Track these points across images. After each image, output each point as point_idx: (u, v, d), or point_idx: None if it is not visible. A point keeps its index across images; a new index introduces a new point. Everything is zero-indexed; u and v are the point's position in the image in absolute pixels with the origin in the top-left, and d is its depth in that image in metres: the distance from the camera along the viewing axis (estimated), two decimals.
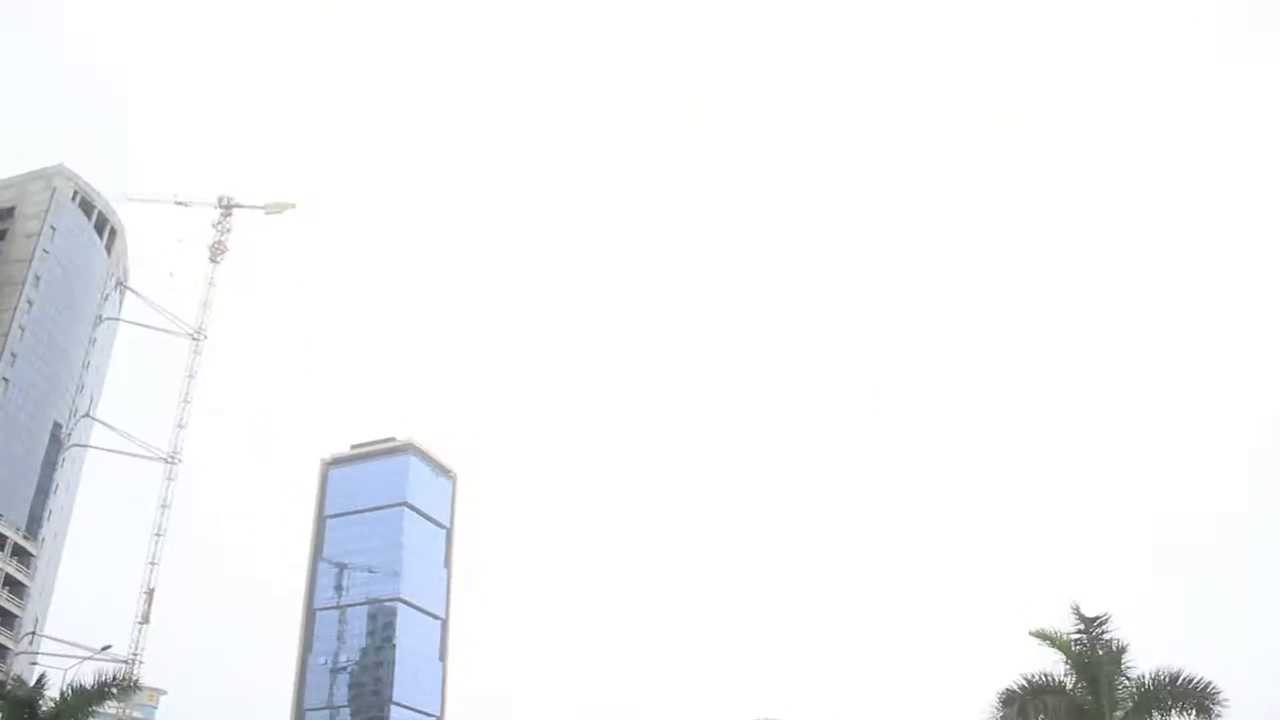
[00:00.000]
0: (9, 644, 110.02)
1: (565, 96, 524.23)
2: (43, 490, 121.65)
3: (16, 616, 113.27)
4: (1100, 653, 31.23)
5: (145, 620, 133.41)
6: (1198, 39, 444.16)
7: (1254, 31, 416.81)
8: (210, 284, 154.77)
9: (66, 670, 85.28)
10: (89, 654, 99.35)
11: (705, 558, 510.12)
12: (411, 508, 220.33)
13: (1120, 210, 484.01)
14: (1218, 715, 30.19)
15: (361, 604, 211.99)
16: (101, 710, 46.01)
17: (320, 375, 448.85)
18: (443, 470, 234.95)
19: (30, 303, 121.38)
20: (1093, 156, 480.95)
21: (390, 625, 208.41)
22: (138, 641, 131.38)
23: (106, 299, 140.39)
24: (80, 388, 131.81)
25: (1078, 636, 31.70)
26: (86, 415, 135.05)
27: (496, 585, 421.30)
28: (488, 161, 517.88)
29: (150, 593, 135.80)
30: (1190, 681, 30.53)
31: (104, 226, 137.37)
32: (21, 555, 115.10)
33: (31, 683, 44.11)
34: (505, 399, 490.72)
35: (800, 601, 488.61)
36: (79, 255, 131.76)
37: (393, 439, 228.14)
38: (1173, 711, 31.29)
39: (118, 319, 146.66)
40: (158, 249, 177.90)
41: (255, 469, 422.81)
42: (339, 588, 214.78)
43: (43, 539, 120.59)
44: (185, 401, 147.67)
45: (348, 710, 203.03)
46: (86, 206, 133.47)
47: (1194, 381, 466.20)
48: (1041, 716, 31.70)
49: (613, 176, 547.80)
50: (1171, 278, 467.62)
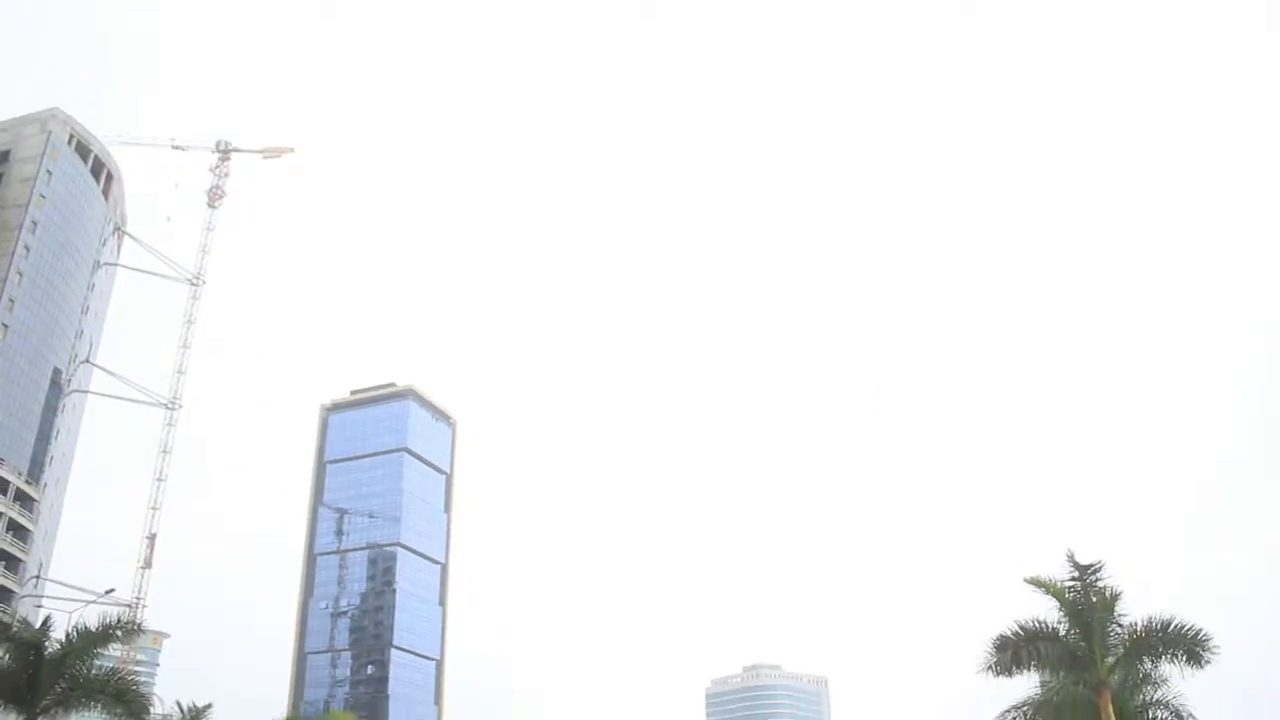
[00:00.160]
0: (14, 587, 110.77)
1: (568, 41, 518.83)
2: (44, 436, 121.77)
3: (20, 560, 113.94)
4: (1094, 600, 31.38)
5: (147, 564, 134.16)
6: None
7: None
8: (208, 229, 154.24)
9: (71, 613, 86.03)
10: (93, 597, 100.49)
11: (703, 504, 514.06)
12: (411, 453, 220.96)
13: (1118, 172, 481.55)
14: (1208, 662, 30.39)
15: (362, 549, 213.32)
16: (106, 653, 46.43)
17: (320, 320, 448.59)
18: (443, 416, 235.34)
19: (28, 248, 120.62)
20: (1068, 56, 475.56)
21: (390, 570, 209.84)
22: (140, 585, 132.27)
23: (104, 244, 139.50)
24: (79, 333, 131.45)
25: (1072, 584, 31.84)
26: (86, 361, 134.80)
27: (496, 530, 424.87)
28: (491, 107, 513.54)
29: (152, 537, 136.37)
30: (1182, 629, 30.71)
31: (100, 171, 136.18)
32: (24, 500, 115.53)
33: (37, 625, 44.36)
34: (505, 345, 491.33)
35: (796, 549, 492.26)
36: (76, 200, 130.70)
37: (393, 384, 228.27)
38: (1163, 658, 31.50)
39: (116, 264, 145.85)
40: (155, 194, 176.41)
41: (255, 414, 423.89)
42: (339, 533, 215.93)
43: (45, 484, 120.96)
44: (184, 347, 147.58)
45: (349, 653, 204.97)
46: (83, 150, 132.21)
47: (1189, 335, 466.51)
48: (1034, 662, 31.92)
49: (616, 124, 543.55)
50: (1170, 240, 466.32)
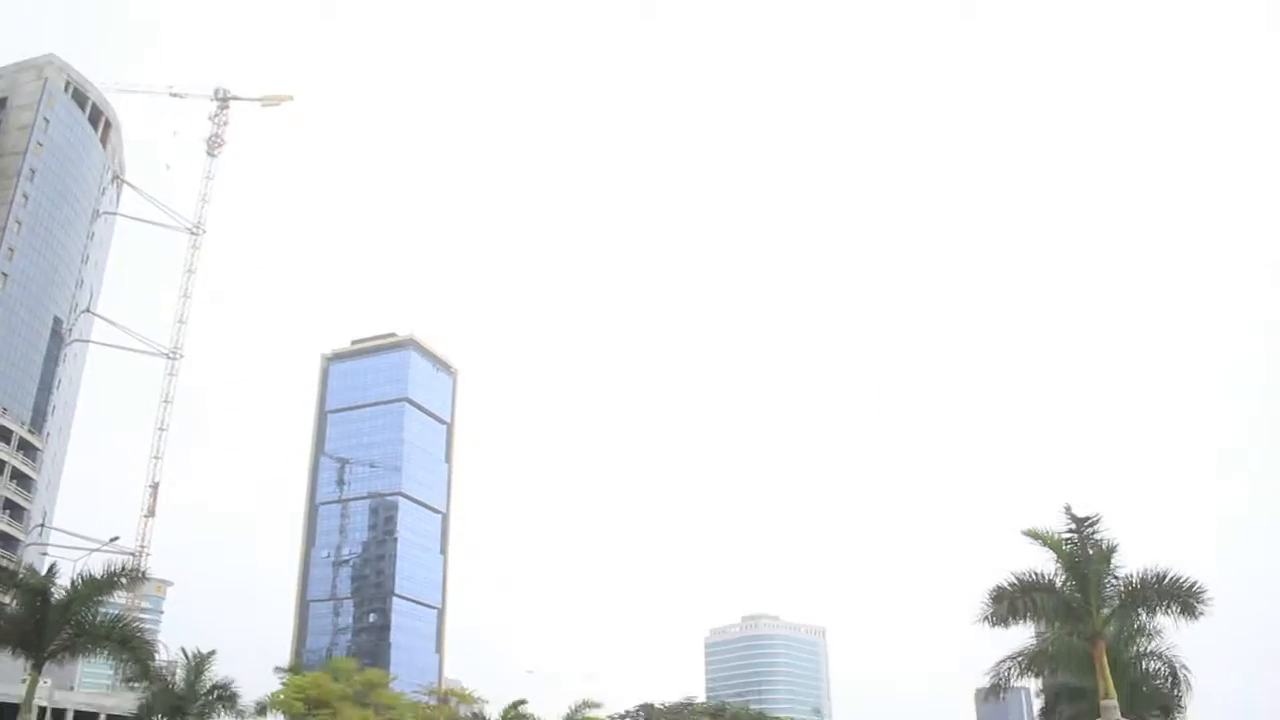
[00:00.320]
0: (19, 535, 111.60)
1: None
2: (46, 385, 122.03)
3: (25, 509, 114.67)
4: (1090, 552, 31.61)
5: (151, 513, 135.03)
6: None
7: None
8: (208, 178, 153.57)
9: (76, 561, 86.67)
10: (97, 545, 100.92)
11: (704, 455, 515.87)
12: (412, 403, 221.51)
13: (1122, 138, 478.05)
14: (1201, 613, 30.66)
15: (363, 498, 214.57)
16: (110, 600, 46.80)
17: (320, 270, 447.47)
18: (443, 366, 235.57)
19: (26, 196, 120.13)
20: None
21: (392, 519, 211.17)
22: (144, 534, 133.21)
23: (103, 193, 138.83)
24: (80, 283, 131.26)
25: (1069, 536, 32.04)
26: (87, 311, 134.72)
27: (497, 479, 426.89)
28: (493, 56, 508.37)
29: (155, 486, 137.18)
30: (1177, 581, 30.94)
31: (98, 119, 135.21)
32: (27, 449, 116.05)
33: (43, 573, 44.62)
34: (506, 295, 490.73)
35: (795, 501, 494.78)
36: (74, 148, 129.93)
37: (393, 334, 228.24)
38: (1158, 610, 31.76)
39: (115, 213, 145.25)
40: (153, 142, 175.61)
41: (256, 364, 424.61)
42: (340, 482, 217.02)
43: (47, 433, 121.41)
44: (185, 297, 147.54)
45: (351, 601, 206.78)
46: (79, 98, 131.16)
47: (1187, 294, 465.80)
48: (1030, 613, 32.18)
49: (619, 80, 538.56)
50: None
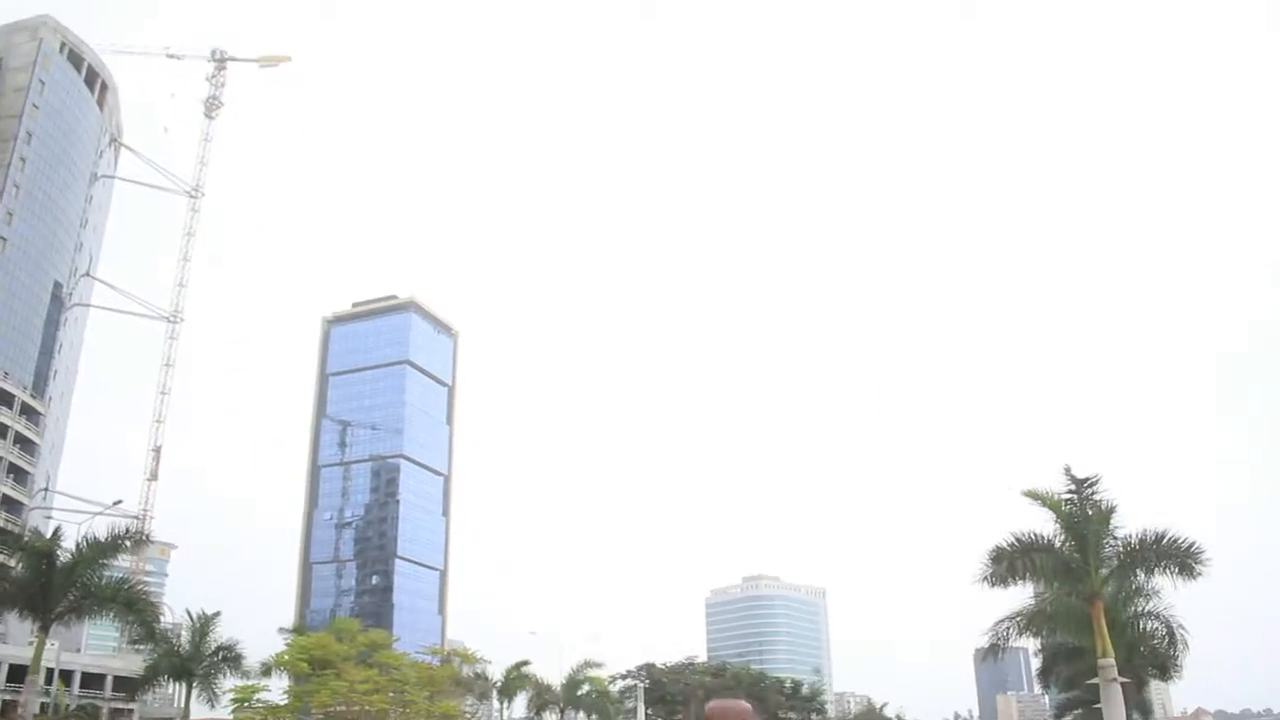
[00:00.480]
0: (23, 499, 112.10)
1: None
2: (47, 350, 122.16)
3: (28, 473, 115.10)
4: (1089, 513, 31.71)
5: (154, 477, 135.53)
6: None
7: None
8: (206, 140, 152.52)
9: (80, 524, 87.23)
10: (100, 509, 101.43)
11: (705, 416, 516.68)
12: (413, 365, 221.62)
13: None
14: (1199, 574, 30.81)
15: (365, 460, 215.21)
16: (115, 563, 47.10)
17: (320, 233, 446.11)
18: (444, 328, 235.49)
19: (23, 159, 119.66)
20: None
21: (394, 481, 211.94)
22: (147, 497, 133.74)
23: (101, 156, 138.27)
24: (79, 246, 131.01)
25: (1068, 497, 32.12)
26: (87, 274, 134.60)
27: (498, 441, 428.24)
28: (495, 17, 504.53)
29: (157, 450, 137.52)
30: (1175, 541, 31.05)
31: (95, 81, 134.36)
32: (30, 414, 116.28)
33: (47, 536, 44.86)
34: (507, 257, 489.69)
35: (796, 463, 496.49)
36: (70, 110, 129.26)
37: (394, 297, 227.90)
38: (1156, 570, 31.92)
39: (113, 176, 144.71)
40: (151, 105, 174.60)
41: (257, 327, 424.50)
42: (342, 445, 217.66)
43: (50, 398, 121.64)
44: (185, 260, 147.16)
45: (353, 563, 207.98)
46: (75, 59, 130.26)
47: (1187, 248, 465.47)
48: (1029, 573, 32.33)
49: (621, 47, 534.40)
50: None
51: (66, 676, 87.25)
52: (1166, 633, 35.02)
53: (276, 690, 46.47)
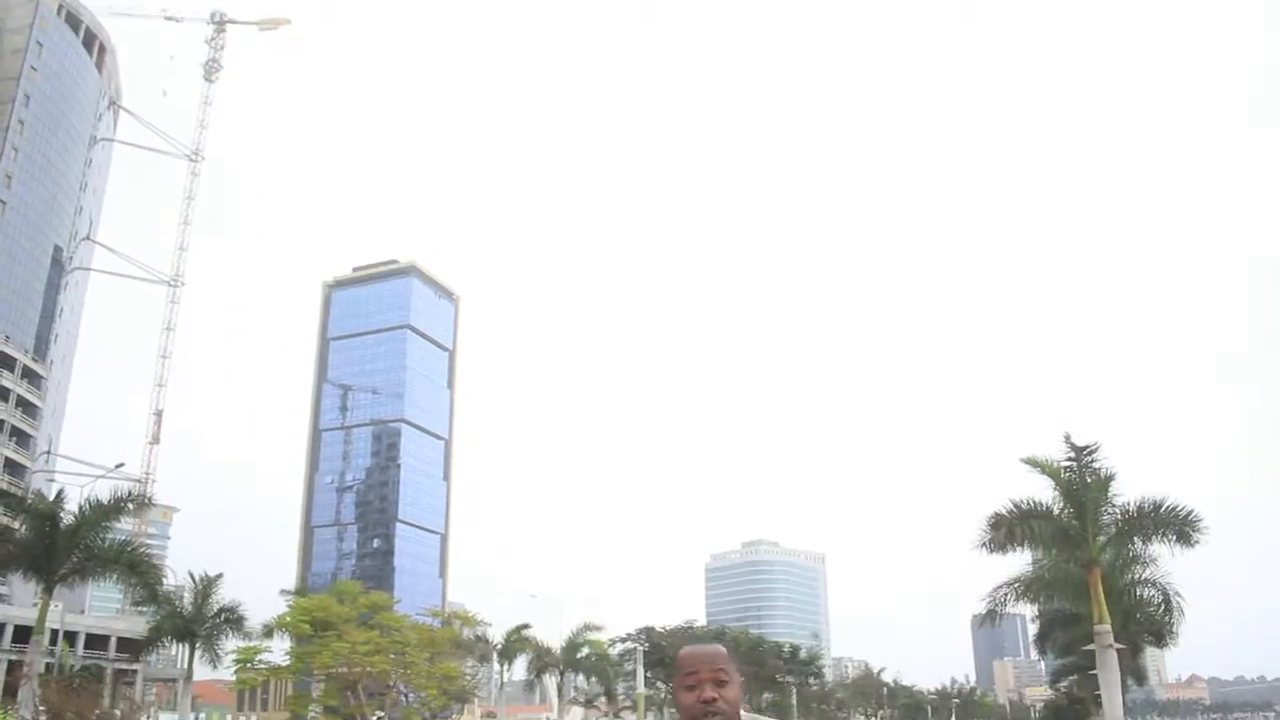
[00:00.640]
0: (25, 462, 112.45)
1: None
2: (48, 314, 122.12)
3: (31, 436, 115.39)
4: (1088, 480, 31.75)
5: (155, 440, 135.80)
6: None
7: None
8: (206, 103, 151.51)
9: (82, 487, 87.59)
10: (102, 472, 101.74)
11: (705, 382, 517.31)
12: (414, 330, 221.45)
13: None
14: (1196, 542, 30.90)
15: (366, 425, 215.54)
16: (118, 526, 47.31)
17: (321, 197, 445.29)
18: (445, 292, 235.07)
19: (22, 123, 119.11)
20: None
21: (395, 445, 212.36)
22: (149, 461, 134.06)
23: (100, 119, 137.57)
24: (79, 210, 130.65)
25: (1067, 464, 32.14)
26: (87, 238, 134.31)
27: (499, 405, 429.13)
28: None
29: (159, 414, 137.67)
30: (1173, 510, 31.13)
31: (93, 43, 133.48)
32: (31, 377, 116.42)
33: (50, 499, 45.03)
34: (508, 221, 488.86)
35: (797, 428, 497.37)
36: (69, 73, 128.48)
37: (395, 261, 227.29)
38: (1154, 538, 32.00)
39: (112, 140, 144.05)
40: (150, 68, 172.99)
41: (258, 291, 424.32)
42: (343, 409, 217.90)
43: (51, 361, 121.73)
44: (185, 224, 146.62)
45: (355, 527, 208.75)
46: (73, 21, 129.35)
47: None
48: (1028, 540, 32.45)
49: (623, 13, 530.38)
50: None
51: (71, 637, 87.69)
52: (1163, 600, 35.16)
53: (278, 651, 46.90)
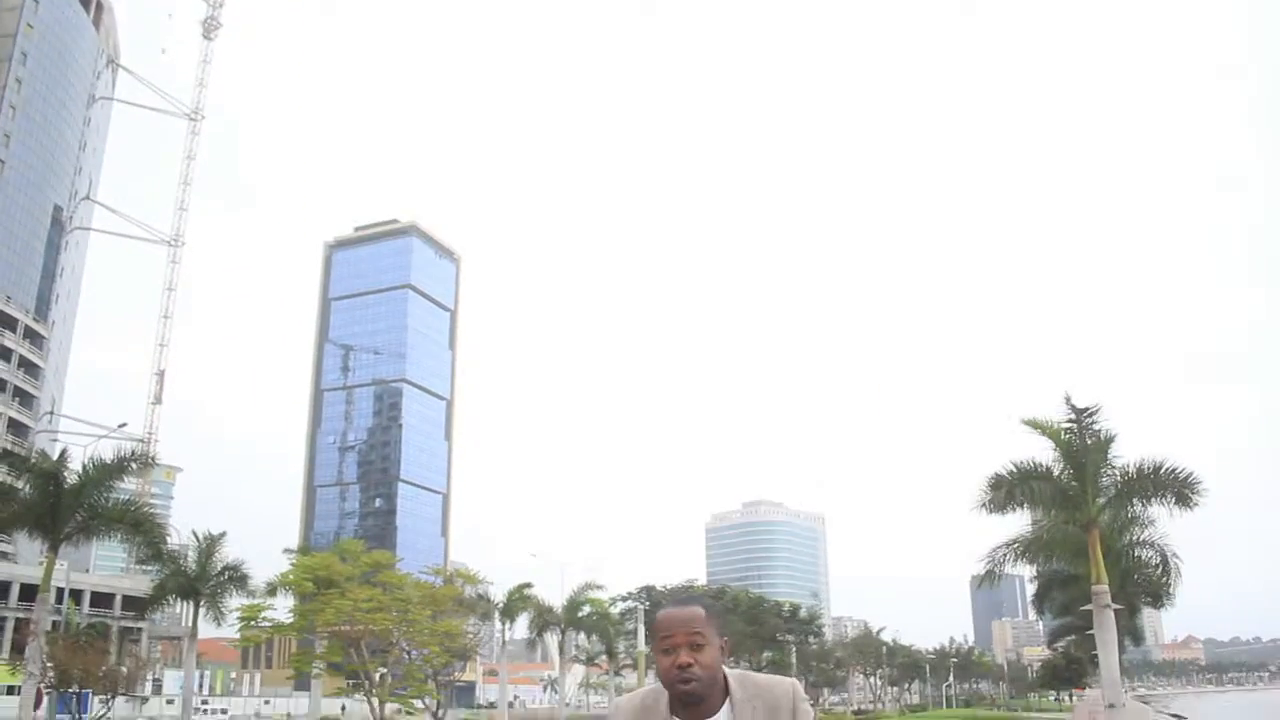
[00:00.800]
0: (29, 423, 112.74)
1: None
2: (49, 274, 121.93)
3: (34, 397, 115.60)
4: (1088, 442, 31.73)
5: (158, 401, 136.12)
6: None
7: None
8: (204, 62, 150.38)
9: (85, 447, 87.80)
10: (105, 432, 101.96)
11: (706, 342, 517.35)
12: (416, 290, 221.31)
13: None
14: (1195, 504, 30.92)
15: (368, 385, 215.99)
16: (121, 485, 47.46)
17: (321, 156, 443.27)
18: (446, 252, 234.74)
19: (19, 81, 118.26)
20: None
21: (396, 405, 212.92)
22: (151, 421, 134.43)
23: (99, 77, 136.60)
24: (78, 170, 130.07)
25: (1068, 426, 32.12)
26: (87, 198, 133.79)
27: (500, 365, 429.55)
28: None
29: (161, 374, 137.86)
30: (1173, 471, 31.13)
31: (89, 0, 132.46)
32: (33, 337, 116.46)
33: (54, 458, 45.06)
34: (509, 181, 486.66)
35: (797, 390, 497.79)
36: (66, 30, 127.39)
37: (396, 221, 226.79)
38: (1153, 500, 32.04)
39: (111, 99, 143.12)
40: (148, 26, 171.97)
41: (259, 251, 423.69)
42: (345, 369, 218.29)
43: (53, 322, 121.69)
44: (185, 184, 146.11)
45: (357, 486, 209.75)
46: None
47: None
48: (1027, 501, 32.52)
49: None
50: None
51: (76, 596, 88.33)
52: (1160, 561, 35.33)
53: (282, 609, 47.27)
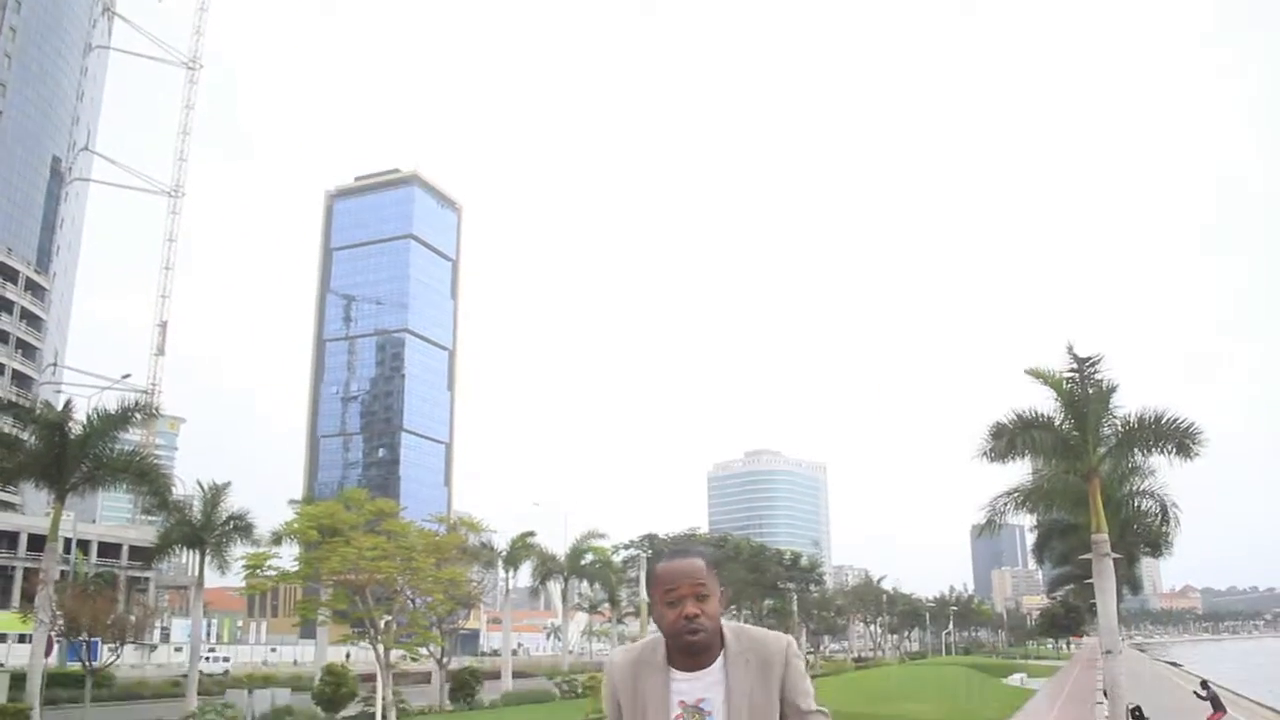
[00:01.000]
0: (32, 374, 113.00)
1: None
2: (49, 225, 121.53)
3: (37, 348, 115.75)
4: (1090, 391, 31.74)
5: (160, 352, 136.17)
6: None
7: None
8: (202, 9, 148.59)
9: (89, 398, 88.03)
10: (109, 383, 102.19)
11: (708, 292, 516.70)
12: (417, 239, 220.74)
13: None
14: (1196, 454, 30.98)
15: (370, 335, 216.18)
16: (126, 436, 47.57)
17: (321, 104, 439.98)
18: (448, 202, 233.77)
19: (14, 29, 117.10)
20: None
21: (399, 355, 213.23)
22: (155, 372, 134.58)
23: (95, 25, 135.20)
24: (76, 120, 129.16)
25: (1070, 375, 32.12)
26: (85, 149, 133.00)
27: (502, 316, 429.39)
28: None
29: (163, 325, 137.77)
30: (1174, 421, 31.16)
31: None
32: (35, 289, 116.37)
33: (59, 409, 45.20)
34: (511, 130, 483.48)
35: (799, 339, 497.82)
36: None
37: (397, 170, 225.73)
38: (1153, 450, 32.13)
39: (108, 47, 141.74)
40: None
41: (259, 201, 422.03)
42: (347, 319, 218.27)
43: (54, 273, 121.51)
44: (184, 133, 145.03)
45: (360, 437, 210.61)
46: None
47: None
48: (1028, 450, 32.59)
49: None
50: None
51: (84, 546, 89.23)
52: (1160, 511, 35.50)
53: (287, 558, 47.63)
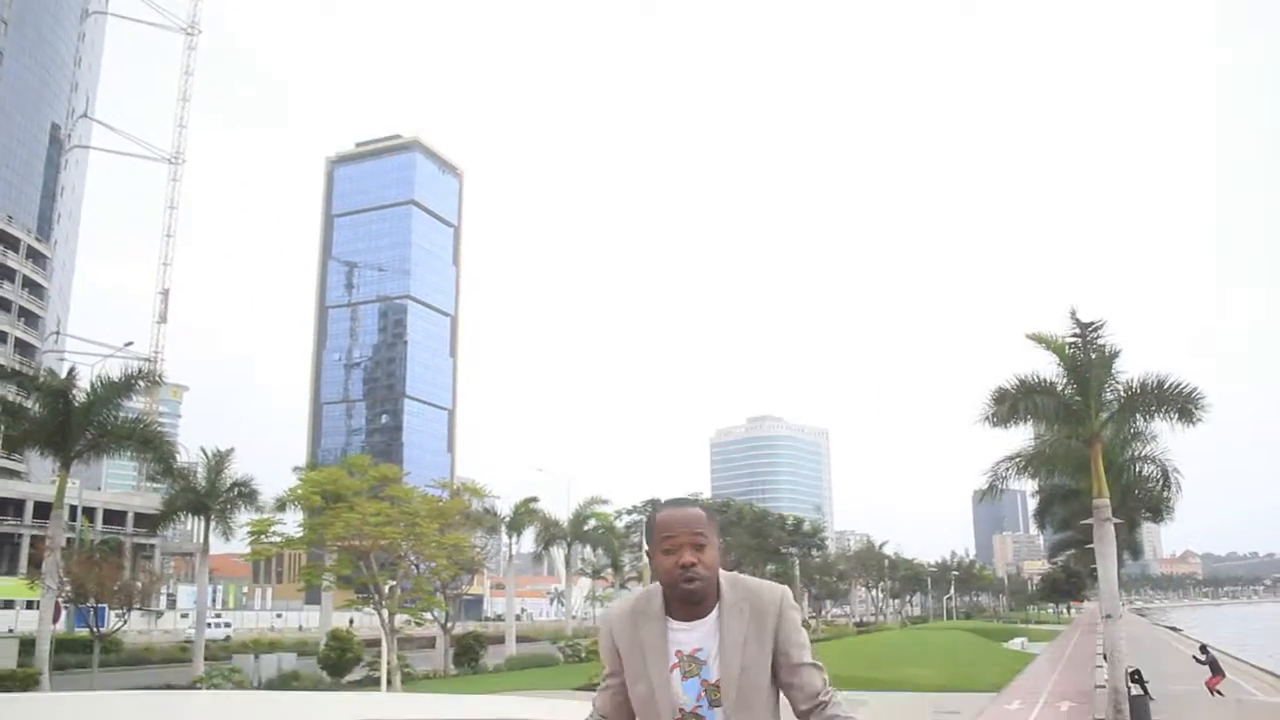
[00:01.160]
0: (35, 343, 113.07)
1: None
2: (49, 193, 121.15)
3: (39, 317, 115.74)
4: (1093, 356, 31.69)
5: (163, 320, 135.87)
6: None
7: None
8: None
9: (93, 366, 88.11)
10: (112, 351, 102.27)
11: (710, 258, 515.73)
12: (419, 206, 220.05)
13: None
14: (1199, 419, 30.97)
15: (372, 301, 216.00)
16: (129, 404, 47.63)
17: (321, 70, 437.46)
18: (449, 168, 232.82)
19: None
20: None
21: (401, 322, 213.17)
22: (157, 340, 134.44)
23: None
24: (75, 87, 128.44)
25: (1072, 340, 32.06)
26: (85, 116, 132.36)
27: (504, 282, 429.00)
28: None
29: (165, 293, 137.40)
30: (1177, 386, 31.13)
31: None
32: (36, 257, 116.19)
33: (62, 377, 45.24)
34: (513, 95, 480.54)
35: (801, 305, 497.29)
36: None
37: (398, 136, 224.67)
38: (1155, 415, 32.13)
39: (105, 12, 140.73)
40: None
41: (260, 168, 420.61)
42: (349, 286, 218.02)
43: (55, 242, 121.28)
44: (184, 100, 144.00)
45: (363, 404, 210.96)
46: None
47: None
48: (1030, 415, 32.59)
49: None
50: None
51: (89, 513, 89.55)
52: (1161, 476, 35.56)
53: (291, 524, 47.87)
